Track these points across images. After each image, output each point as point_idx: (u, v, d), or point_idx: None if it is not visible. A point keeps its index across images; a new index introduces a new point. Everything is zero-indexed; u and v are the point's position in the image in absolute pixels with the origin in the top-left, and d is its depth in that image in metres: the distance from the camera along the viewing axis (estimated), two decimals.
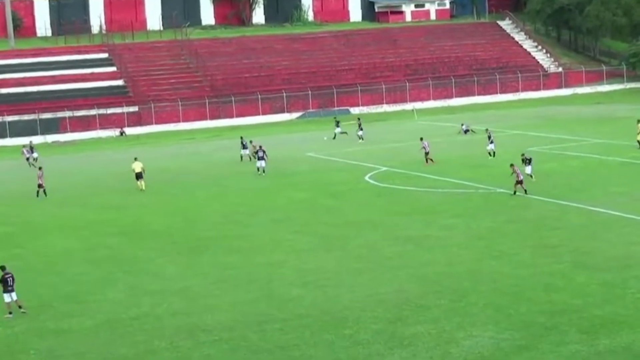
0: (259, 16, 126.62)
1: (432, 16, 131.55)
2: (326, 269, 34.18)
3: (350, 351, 25.16)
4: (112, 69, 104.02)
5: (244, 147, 66.04)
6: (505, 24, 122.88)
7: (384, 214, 44.17)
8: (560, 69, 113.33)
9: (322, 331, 26.88)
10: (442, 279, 31.73)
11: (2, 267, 31.00)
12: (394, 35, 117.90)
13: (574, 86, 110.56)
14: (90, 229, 44.56)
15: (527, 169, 49.53)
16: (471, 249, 36.01)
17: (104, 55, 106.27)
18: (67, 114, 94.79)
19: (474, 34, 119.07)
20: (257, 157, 59.27)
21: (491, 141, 60.34)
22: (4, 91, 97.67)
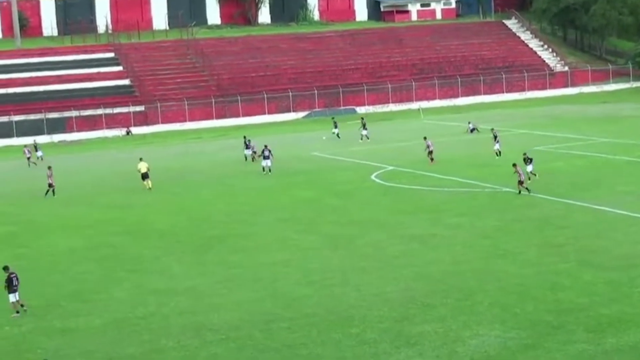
0: (264, 16, 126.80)
1: (438, 15, 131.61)
2: (332, 268, 34.17)
3: (356, 350, 25.16)
4: (118, 68, 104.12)
5: (247, 147, 66.10)
6: (511, 23, 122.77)
7: (389, 212, 44.13)
8: (566, 68, 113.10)
9: (328, 330, 26.87)
10: (448, 277, 31.71)
11: (5, 268, 30.87)
12: (399, 34, 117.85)
13: (580, 85, 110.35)
14: (94, 228, 44.60)
15: (529, 168, 49.63)
16: (477, 247, 35.97)
17: (110, 54, 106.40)
18: (73, 114, 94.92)
19: (479, 33, 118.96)
20: (262, 157, 59.36)
21: (497, 141, 60.34)
22: (10, 91, 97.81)
